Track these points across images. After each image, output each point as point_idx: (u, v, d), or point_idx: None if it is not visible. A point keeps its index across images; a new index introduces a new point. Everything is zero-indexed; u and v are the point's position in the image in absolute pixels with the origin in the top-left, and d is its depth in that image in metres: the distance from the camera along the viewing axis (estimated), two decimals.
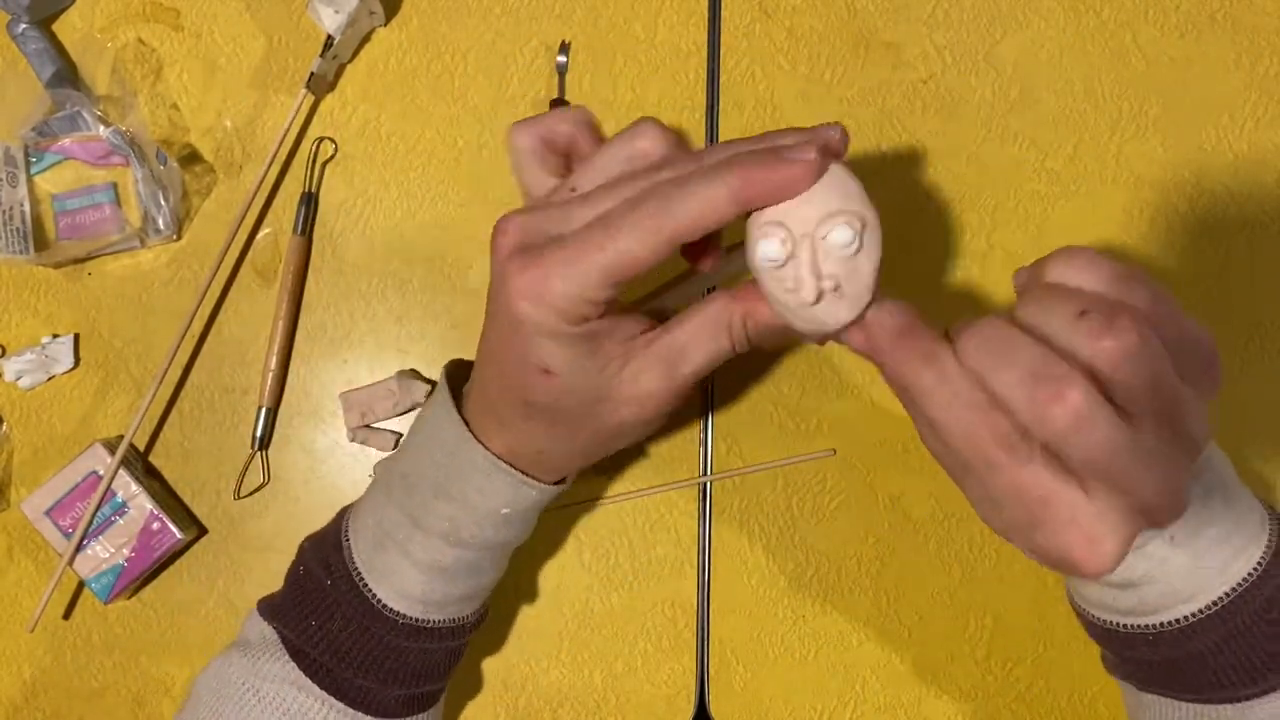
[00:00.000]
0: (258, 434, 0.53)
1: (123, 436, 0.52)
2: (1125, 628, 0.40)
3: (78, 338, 0.54)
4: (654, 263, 0.33)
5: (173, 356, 0.52)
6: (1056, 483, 0.29)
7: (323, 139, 0.54)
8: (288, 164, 0.55)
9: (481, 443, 0.39)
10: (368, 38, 0.55)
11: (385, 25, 0.55)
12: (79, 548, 0.50)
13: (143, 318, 0.54)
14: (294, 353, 0.54)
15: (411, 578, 0.41)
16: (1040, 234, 0.53)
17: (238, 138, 0.55)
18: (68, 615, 0.54)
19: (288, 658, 0.41)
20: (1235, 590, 0.37)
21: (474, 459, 0.39)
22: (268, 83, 0.55)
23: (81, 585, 0.53)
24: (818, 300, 0.33)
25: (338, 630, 0.41)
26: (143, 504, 0.51)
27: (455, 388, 0.41)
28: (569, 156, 0.40)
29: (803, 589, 0.53)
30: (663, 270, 0.37)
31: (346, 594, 0.41)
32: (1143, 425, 0.29)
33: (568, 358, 0.35)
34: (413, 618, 0.41)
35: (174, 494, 0.54)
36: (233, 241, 0.53)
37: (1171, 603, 0.38)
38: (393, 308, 0.54)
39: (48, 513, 0.51)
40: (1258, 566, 0.38)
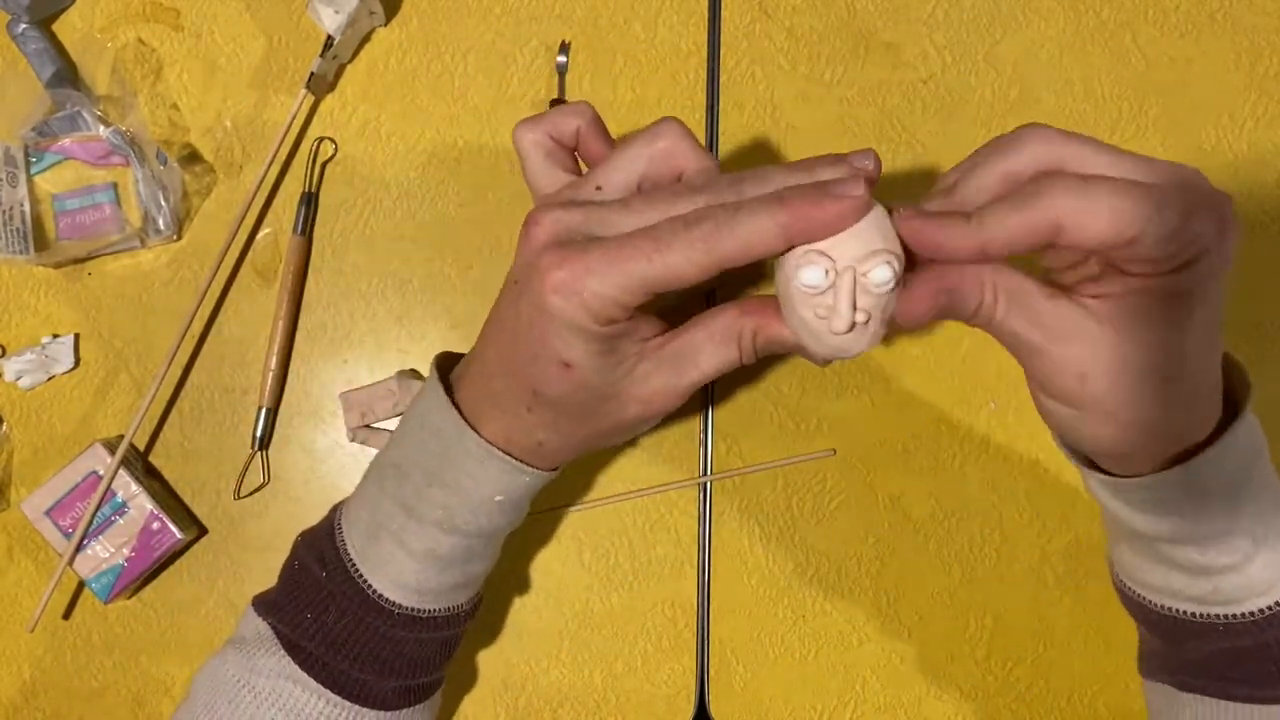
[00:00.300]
0: (258, 434, 0.53)
1: (123, 436, 0.52)
2: (1196, 616, 0.40)
3: (78, 338, 0.54)
4: (696, 282, 0.34)
5: (173, 356, 0.52)
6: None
7: (323, 139, 0.54)
8: (288, 164, 0.55)
9: (476, 430, 0.39)
10: (368, 38, 0.55)
11: (385, 25, 0.55)
12: (79, 548, 0.50)
13: (143, 318, 0.54)
14: (294, 353, 0.54)
15: (406, 567, 0.41)
16: None
17: (238, 138, 0.55)
18: (68, 615, 0.54)
19: (283, 652, 0.42)
20: None
21: (467, 446, 0.39)
22: (268, 83, 0.55)
23: (81, 585, 0.53)
24: (849, 330, 0.34)
25: (333, 622, 0.41)
26: (143, 504, 0.51)
27: (445, 379, 0.42)
28: (575, 153, 0.41)
29: (803, 589, 0.53)
30: None
31: (341, 585, 0.41)
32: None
33: (588, 354, 0.35)
34: (408, 607, 0.41)
35: (174, 494, 0.54)
36: (233, 241, 0.53)
37: (1247, 595, 0.39)
38: (393, 308, 0.54)
39: (48, 513, 0.51)
40: None
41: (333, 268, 0.54)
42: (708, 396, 0.53)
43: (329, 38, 0.53)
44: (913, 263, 0.34)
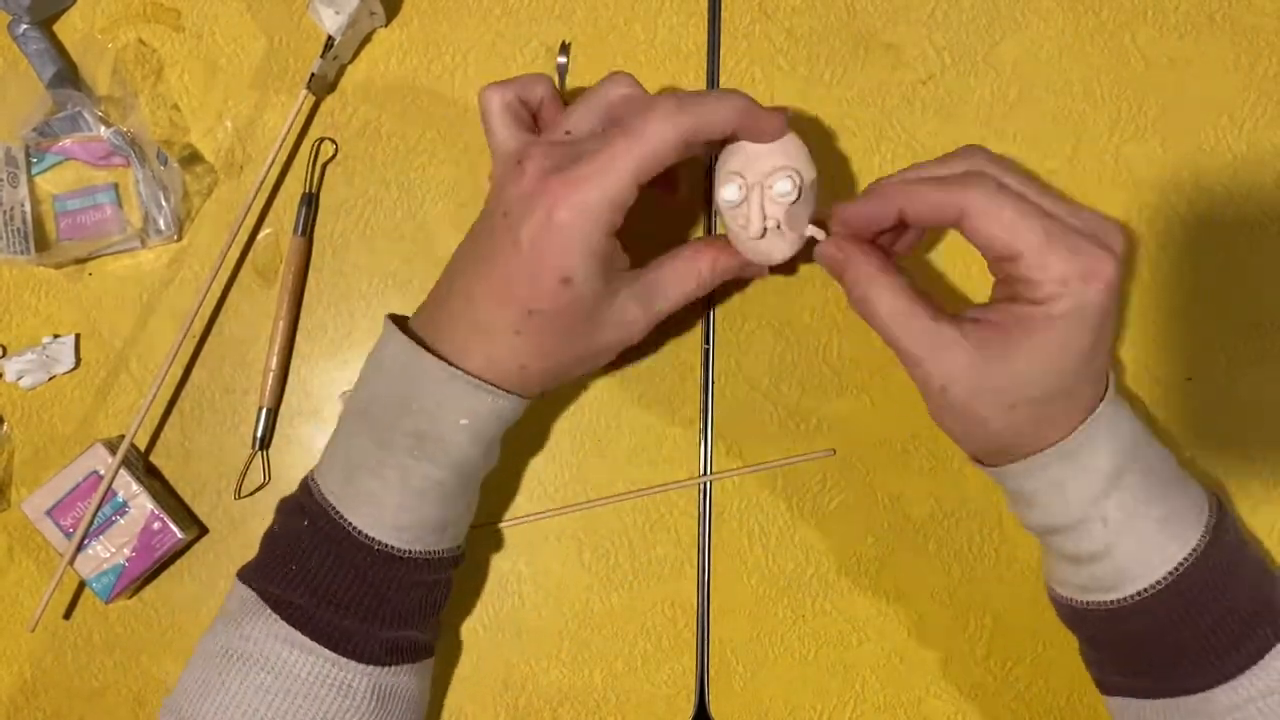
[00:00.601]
0: (258, 434, 0.53)
1: (123, 436, 0.52)
2: (1086, 604, 0.43)
3: (78, 338, 0.54)
4: (672, 159, 0.39)
5: (173, 356, 0.52)
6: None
7: (323, 139, 0.54)
8: (288, 164, 0.55)
9: (456, 365, 0.41)
10: (368, 38, 0.55)
11: (386, 26, 0.55)
12: (80, 547, 0.51)
13: (143, 318, 0.54)
14: (295, 353, 0.54)
15: (383, 501, 0.42)
16: None
17: (238, 138, 0.55)
18: (68, 615, 0.54)
19: (269, 614, 0.42)
20: (1177, 570, 0.40)
21: (430, 371, 0.41)
22: (268, 83, 0.55)
23: (82, 585, 0.53)
24: (762, 235, 0.42)
25: (315, 567, 0.42)
26: (144, 504, 0.51)
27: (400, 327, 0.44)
28: (536, 117, 0.46)
29: (803, 589, 0.53)
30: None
31: (323, 527, 0.42)
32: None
33: (588, 268, 0.39)
34: (387, 544, 0.42)
35: (175, 494, 0.54)
36: (233, 242, 0.53)
37: (1120, 580, 0.41)
38: (393, 308, 0.54)
39: (49, 512, 0.51)
40: (1196, 548, 0.41)
41: (333, 268, 0.54)
42: (708, 396, 0.53)
43: (329, 38, 0.53)
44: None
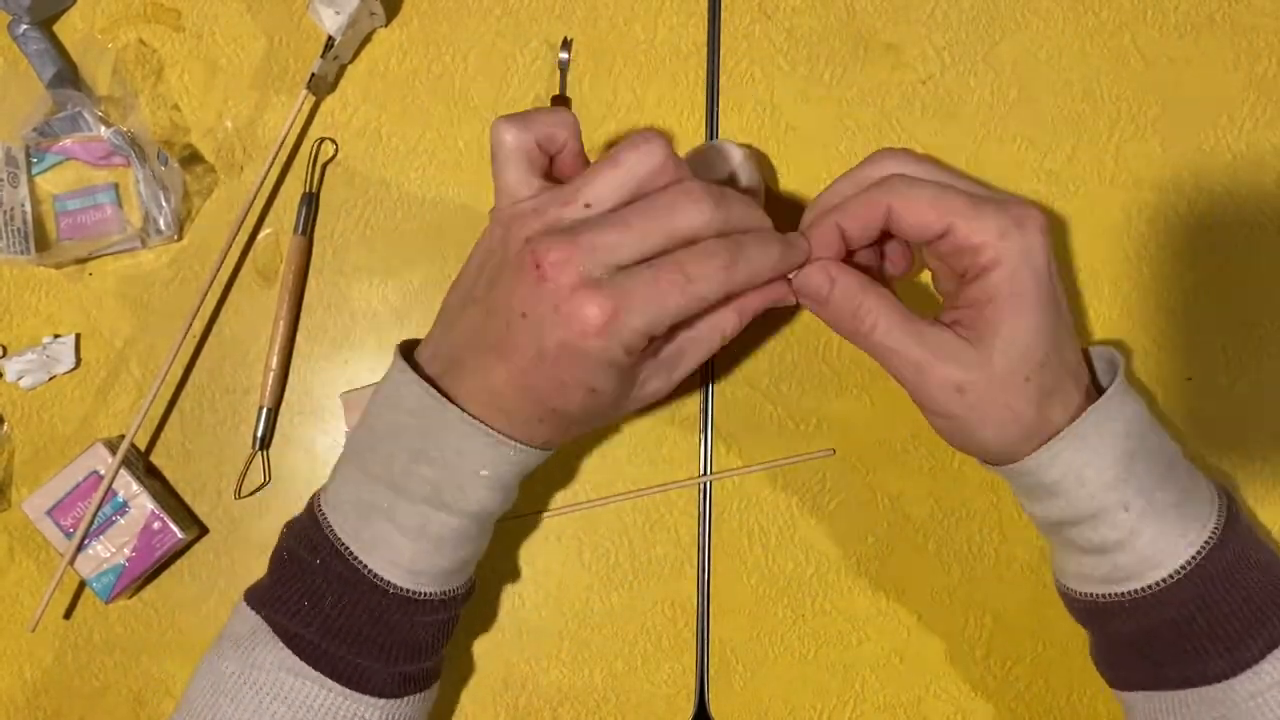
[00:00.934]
0: (259, 434, 0.53)
1: (124, 436, 0.52)
2: (1106, 596, 0.42)
3: (79, 338, 0.54)
4: (713, 308, 0.40)
5: (174, 356, 0.52)
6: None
7: (323, 139, 0.54)
8: (288, 164, 0.55)
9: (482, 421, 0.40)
10: (368, 38, 0.55)
11: (386, 26, 0.55)
12: (80, 547, 0.51)
13: (144, 318, 0.54)
14: (295, 353, 0.54)
15: (401, 546, 0.41)
16: None
17: (239, 138, 0.55)
18: (69, 615, 0.54)
19: (280, 644, 0.42)
20: (1199, 554, 0.40)
21: (450, 422, 0.40)
22: (269, 83, 0.55)
23: (83, 585, 0.53)
24: None
25: (329, 607, 0.42)
26: (144, 504, 0.51)
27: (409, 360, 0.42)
28: (553, 160, 0.42)
29: (803, 589, 0.53)
30: None
31: (337, 569, 0.42)
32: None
33: (615, 382, 0.39)
34: (404, 589, 0.42)
35: (175, 494, 0.54)
36: (234, 242, 0.53)
37: (1143, 569, 0.41)
38: (393, 308, 0.54)
39: (49, 512, 0.51)
40: (1215, 531, 0.41)
41: (333, 268, 0.54)
42: (708, 396, 0.53)
43: (330, 38, 0.53)
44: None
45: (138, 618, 0.54)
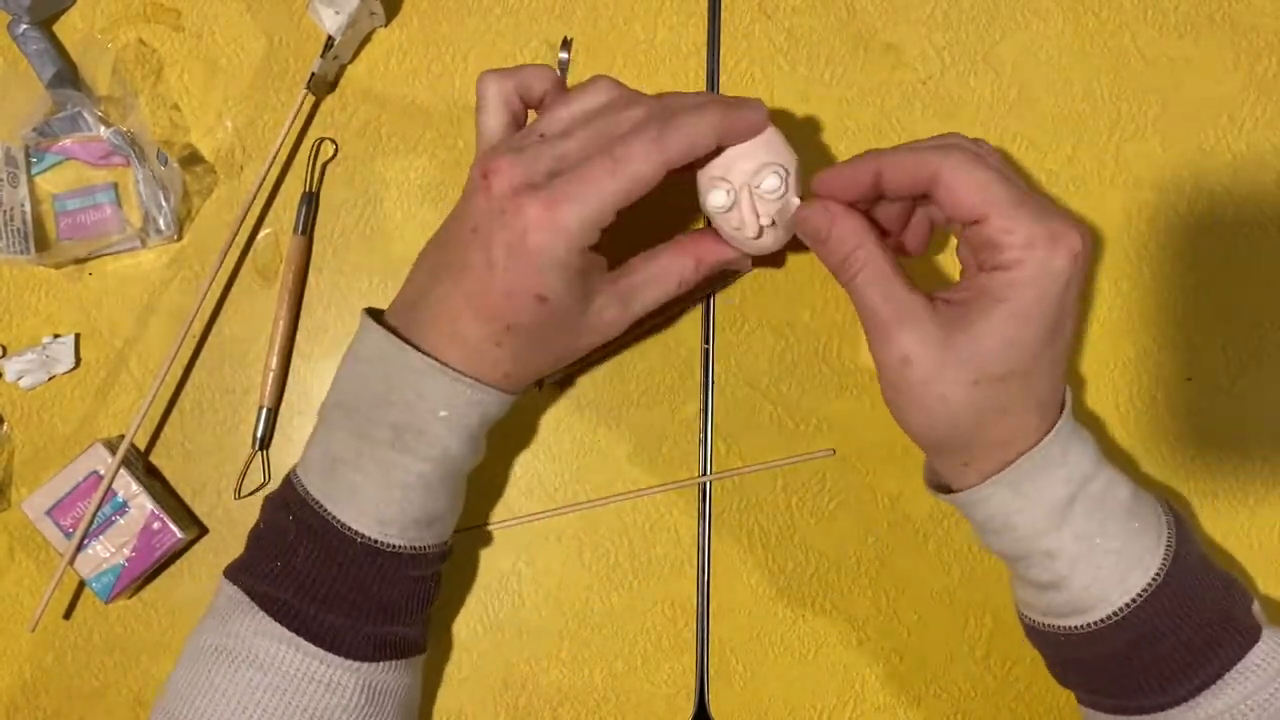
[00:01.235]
0: (258, 434, 0.53)
1: (123, 436, 0.52)
2: (1046, 628, 0.43)
3: (78, 338, 0.54)
4: (652, 185, 0.39)
5: (174, 356, 0.52)
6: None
7: (323, 139, 0.54)
8: (288, 164, 0.55)
9: (436, 358, 0.40)
10: (368, 38, 0.55)
11: (386, 26, 0.55)
12: (80, 547, 0.51)
13: (143, 318, 0.54)
14: (295, 352, 0.54)
15: (365, 493, 0.41)
16: None
17: (238, 138, 0.55)
18: (69, 615, 0.54)
19: (255, 610, 0.42)
20: (1134, 602, 0.40)
21: (409, 362, 0.41)
22: (268, 83, 0.55)
23: (82, 585, 0.53)
24: (758, 235, 0.42)
25: (300, 563, 0.42)
26: (143, 504, 0.51)
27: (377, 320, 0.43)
28: (529, 110, 0.44)
29: (803, 589, 0.53)
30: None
31: (307, 521, 0.42)
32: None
33: (564, 287, 0.39)
34: (371, 538, 0.42)
35: (175, 494, 0.54)
36: (233, 241, 0.53)
37: (1076, 610, 0.41)
38: None
39: (48, 512, 0.51)
40: (1155, 579, 0.40)
41: (333, 268, 0.54)
42: (708, 396, 0.53)
43: (329, 38, 0.53)
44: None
45: (138, 618, 0.53)
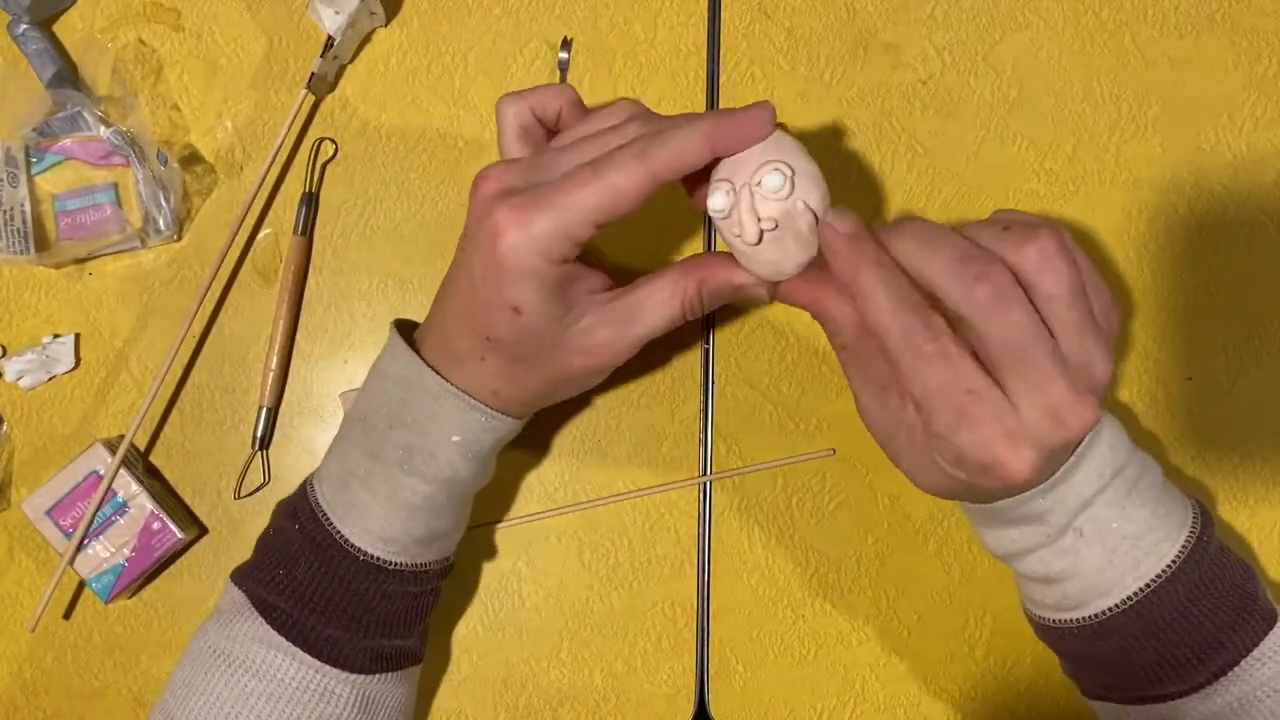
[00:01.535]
0: (258, 434, 0.53)
1: (123, 436, 0.52)
2: (1058, 622, 0.42)
3: (78, 338, 0.54)
4: (637, 201, 0.36)
5: (173, 356, 0.52)
6: (981, 376, 0.33)
7: (323, 139, 0.54)
8: (288, 164, 0.55)
9: (435, 370, 0.41)
10: (368, 38, 0.55)
11: (385, 26, 0.55)
12: (80, 547, 0.51)
13: (143, 318, 0.54)
14: (295, 353, 0.54)
15: (372, 513, 0.42)
16: None
17: (238, 138, 0.55)
18: (68, 615, 0.54)
19: (257, 617, 0.42)
20: (1148, 587, 0.39)
21: (425, 384, 0.41)
22: (268, 83, 0.55)
23: (82, 585, 0.53)
24: (759, 241, 0.36)
25: (302, 574, 0.42)
26: (143, 504, 0.51)
27: (405, 337, 0.43)
28: (551, 133, 0.43)
29: (802, 589, 0.53)
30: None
31: (312, 533, 0.42)
32: (1056, 325, 0.33)
33: (537, 298, 0.37)
34: (373, 555, 0.42)
35: (175, 494, 0.54)
36: (233, 242, 0.53)
37: (1090, 598, 0.40)
38: (393, 307, 0.54)
39: (48, 512, 0.51)
40: (1170, 565, 0.39)
41: (333, 268, 0.54)
42: (708, 396, 0.53)
43: (329, 38, 0.53)
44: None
45: (138, 618, 0.53)
